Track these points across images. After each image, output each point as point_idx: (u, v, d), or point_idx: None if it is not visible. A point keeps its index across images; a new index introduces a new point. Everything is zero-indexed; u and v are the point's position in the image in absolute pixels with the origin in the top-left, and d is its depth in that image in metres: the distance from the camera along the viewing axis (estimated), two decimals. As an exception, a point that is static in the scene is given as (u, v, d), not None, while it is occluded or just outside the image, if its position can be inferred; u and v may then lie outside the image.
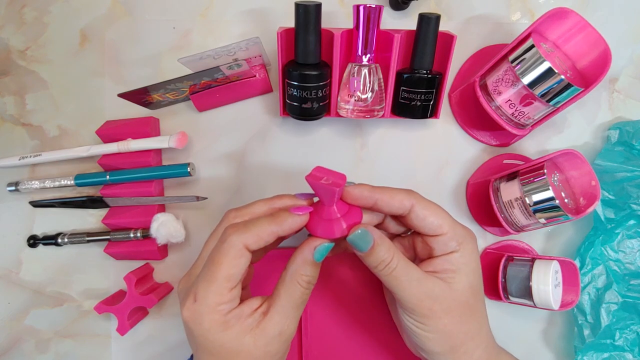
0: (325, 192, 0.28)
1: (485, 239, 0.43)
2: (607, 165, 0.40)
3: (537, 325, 0.44)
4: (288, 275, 0.28)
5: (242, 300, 0.28)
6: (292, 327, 0.29)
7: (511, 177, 0.38)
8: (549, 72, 0.34)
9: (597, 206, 0.40)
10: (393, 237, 0.35)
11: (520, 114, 0.37)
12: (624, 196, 0.40)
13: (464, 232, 0.31)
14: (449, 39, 0.36)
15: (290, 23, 0.34)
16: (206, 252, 0.31)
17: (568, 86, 0.34)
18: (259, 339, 0.27)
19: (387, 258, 0.29)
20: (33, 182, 0.40)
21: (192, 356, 0.33)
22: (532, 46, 0.34)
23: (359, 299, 0.41)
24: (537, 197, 0.36)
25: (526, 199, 0.36)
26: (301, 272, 0.28)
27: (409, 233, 0.34)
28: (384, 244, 0.29)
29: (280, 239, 0.30)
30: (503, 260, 0.40)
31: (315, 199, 0.31)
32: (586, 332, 0.40)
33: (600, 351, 0.39)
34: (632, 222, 0.40)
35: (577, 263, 0.39)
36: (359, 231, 0.28)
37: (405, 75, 0.37)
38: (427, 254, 0.31)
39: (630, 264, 0.41)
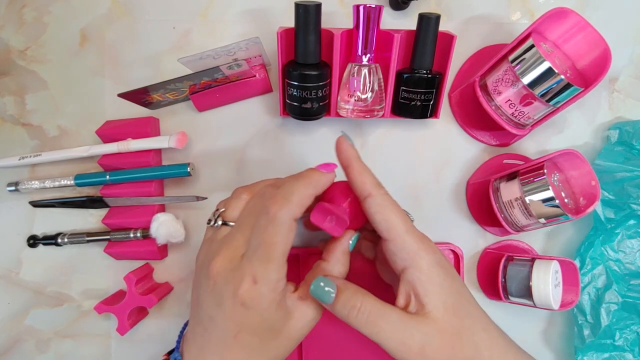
0: (332, 230, 0.29)
1: (485, 238, 0.43)
2: (607, 165, 0.40)
3: (537, 325, 0.44)
4: (327, 266, 0.30)
5: None
6: (321, 313, 0.30)
7: (511, 177, 0.38)
8: (549, 72, 0.34)
9: (597, 206, 0.40)
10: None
11: (520, 114, 0.37)
12: (623, 196, 0.40)
13: (417, 244, 0.28)
14: (449, 39, 0.36)
15: (290, 23, 0.34)
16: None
17: (568, 86, 0.34)
18: (298, 322, 0.29)
19: (355, 303, 0.28)
20: (33, 182, 0.40)
21: (185, 324, 0.32)
22: (532, 46, 0.34)
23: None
24: (537, 197, 0.36)
25: (526, 198, 0.36)
26: (342, 262, 0.30)
27: None
28: (349, 289, 0.28)
29: None
30: (503, 260, 0.40)
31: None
32: (586, 332, 0.40)
33: (600, 351, 0.39)
34: (632, 222, 0.40)
35: (577, 263, 0.39)
36: (319, 281, 0.28)
37: (405, 75, 0.37)
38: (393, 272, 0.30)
39: (630, 263, 0.41)
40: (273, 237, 0.27)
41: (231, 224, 0.30)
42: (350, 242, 0.31)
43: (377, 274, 0.35)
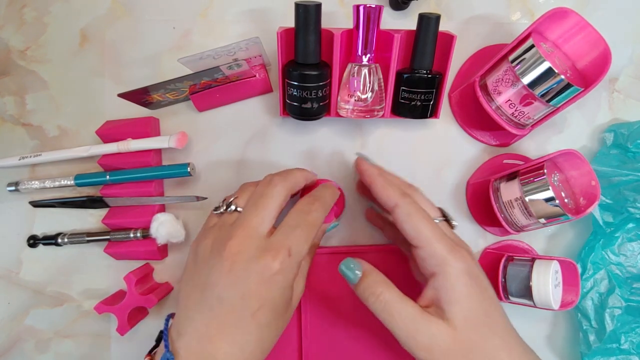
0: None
1: (485, 239, 0.43)
2: (602, 170, 0.40)
3: (540, 328, 0.43)
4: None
5: None
6: (304, 286, 0.33)
7: (511, 177, 0.38)
8: (549, 72, 0.34)
9: (596, 210, 0.40)
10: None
11: (520, 114, 0.37)
12: (621, 200, 0.39)
13: (446, 251, 0.28)
14: (449, 39, 0.36)
15: (290, 23, 0.34)
16: (257, 215, 0.30)
17: (568, 86, 0.34)
18: (296, 293, 0.31)
19: (375, 290, 0.29)
20: (33, 182, 0.40)
21: (169, 316, 0.31)
22: (532, 46, 0.34)
23: (358, 299, 0.41)
24: (537, 197, 0.36)
25: (526, 198, 0.36)
26: (318, 242, 0.36)
27: None
28: (373, 275, 0.30)
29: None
30: (503, 260, 0.40)
31: None
32: (591, 337, 0.40)
33: (606, 356, 0.39)
34: (631, 225, 0.40)
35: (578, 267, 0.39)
36: (349, 262, 0.32)
37: (405, 75, 0.37)
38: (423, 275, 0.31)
39: (632, 267, 0.40)
40: (314, 222, 0.31)
41: (240, 209, 0.32)
42: (329, 227, 0.36)
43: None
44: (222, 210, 0.32)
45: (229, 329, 0.28)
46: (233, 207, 0.32)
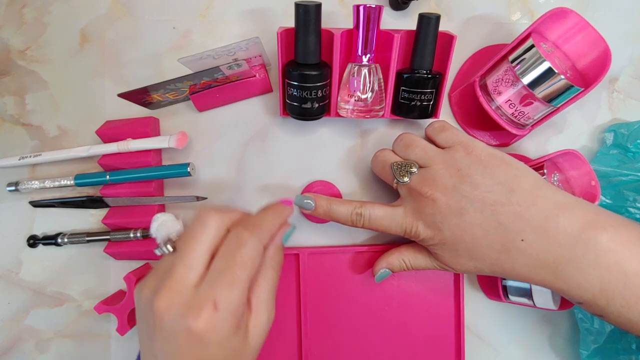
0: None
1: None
2: (602, 170, 0.40)
3: (540, 328, 0.43)
4: (265, 265, 0.30)
5: None
6: (273, 312, 0.30)
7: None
8: (549, 72, 0.34)
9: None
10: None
11: (520, 114, 0.37)
12: (621, 200, 0.39)
13: (402, 216, 0.34)
14: (449, 39, 0.36)
15: (290, 23, 0.34)
16: (183, 263, 0.27)
17: (568, 86, 0.34)
18: (253, 333, 0.28)
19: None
20: (33, 182, 0.40)
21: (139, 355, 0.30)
22: (532, 46, 0.34)
23: (358, 299, 0.41)
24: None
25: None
26: (274, 257, 0.31)
27: None
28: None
29: None
30: (503, 260, 0.40)
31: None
32: (591, 337, 0.40)
33: (606, 357, 0.39)
34: (631, 224, 0.40)
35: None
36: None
37: (405, 75, 0.37)
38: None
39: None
40: (245, 260, 0.27)
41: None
42: (284, 236, 0.33)
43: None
44: (161, 250, 0.29)
45: None
46: (170, 248, 0.29)
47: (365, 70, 0.36)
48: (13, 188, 0.41)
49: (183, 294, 0.26)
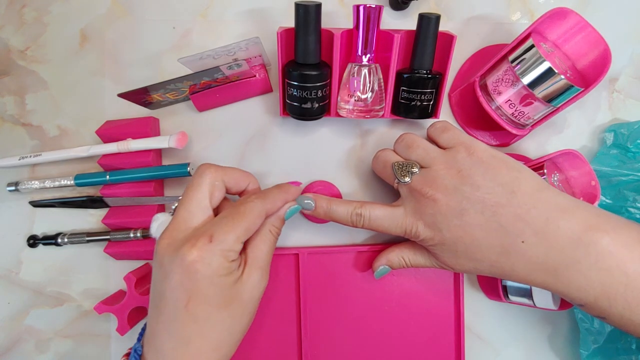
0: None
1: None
2: (602, 170, 0.40)
3: (540, 328, 0.43)
4: (263, 227, 0.32)
5: None
6: (266, 275, 0.32)
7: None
8: (549, 72, 0.34)
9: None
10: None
11: (520, 114, 0.37)
12: (621, 200, 0.39)
13: (403, 217, 0.34)
14: (449, 39, 0.36)
15: (290, 23, 0.34)
16: (184, 208, 0.30)
17: (568, 86, 0.34)
18: (246, 284, 0.30)
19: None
20: (33, 182, 0.40)
21: (143, 328, 0.32)
22: (532, 46, 0.34)
23: (358, 299, 0.41)
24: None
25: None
26: (275, 224, 0.33)
27: None
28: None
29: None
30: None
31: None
32: (591, 337, 0.40)
33: (606, 356, 0.39)
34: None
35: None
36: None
37: (405, 75, 0.37)
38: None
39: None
40: (245, 212, 0.30)
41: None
42: (288, 211, 0.34)
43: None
44: (173, 208, 0.33)
45: (169, 323, 0.28)
46: (176, 203, 0.32)
47: (365, 70, 0.36)
48: (13, 188, 0.41)
49: (183, 231, 0.29)
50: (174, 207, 0.32)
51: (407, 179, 0.33)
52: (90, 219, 0.42)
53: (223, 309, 0.29)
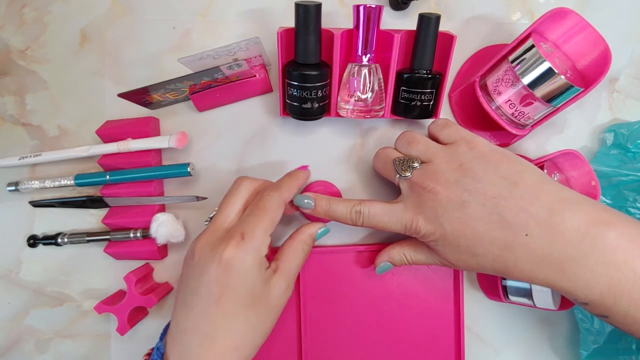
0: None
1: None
2: (602, 170, 0.40)
3: (540, 328, 0.43)
4: (296, 242, 0.35)
5: None
6: (292, 288, 0.34)
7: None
8: (549, 72, 0.34)
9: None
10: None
11: (520, 114, 0.37)
12: (621, 200, 0.39)
13: (402, 212, 0.34)
14: (449, 39, 0.36)
15: (290, 23, 0.34)
16: (221, 213, 0.33)
17: (568, 86, 0.34)
18: (274, 290, 0.32)
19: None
20: (33, 182, 0.40)
21: (167, 324, 0.33)
22: (532, 46, 0.34)
23: (358, 299, 0.41)
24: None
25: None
26: (307, 242, 0.35)
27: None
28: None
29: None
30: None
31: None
32: (591, 337, 0.40)
33: (606, 357, 0.39)
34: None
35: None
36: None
37: (405, 75, 0.37)
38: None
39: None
40: (266, 206, 0.32)
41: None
42: (319, 232, 0.36)
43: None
44: (210, 216, 0.36)
45: (198, 318, 0.30)
46: (213, 213, 0.35)
47: (365, 70, 0.36)
48: (13, 188, 0.41)
49: (218, 231, 0.32)
50: (211, 215, 0.35)
51: (408, 174, 0.33)
52: (90, 219, 0.42)
53: (250, 308, 0.30)
